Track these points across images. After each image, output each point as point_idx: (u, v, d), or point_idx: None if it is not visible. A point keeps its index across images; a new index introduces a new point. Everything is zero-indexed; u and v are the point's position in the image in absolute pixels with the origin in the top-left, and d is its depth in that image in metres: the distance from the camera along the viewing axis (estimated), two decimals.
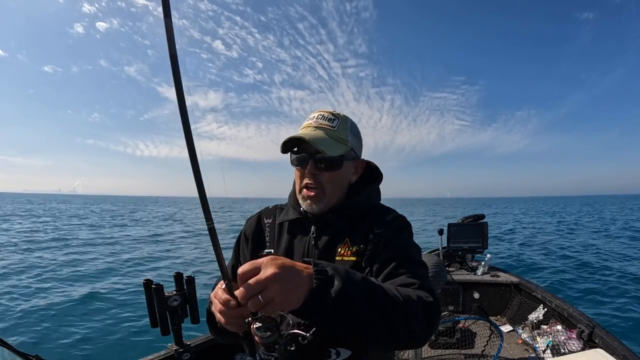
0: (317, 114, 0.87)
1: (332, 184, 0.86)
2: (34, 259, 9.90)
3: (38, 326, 5.07)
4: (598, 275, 7.69)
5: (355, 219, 0.89)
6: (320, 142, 0.81)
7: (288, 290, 0.54)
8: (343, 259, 0.84)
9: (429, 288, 0.74)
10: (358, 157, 0.91)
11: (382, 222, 0.87)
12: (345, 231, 0.88)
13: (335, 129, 0.85)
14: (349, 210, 0.90)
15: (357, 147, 0.90)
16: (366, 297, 0.61)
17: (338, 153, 0.83)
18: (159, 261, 10.44)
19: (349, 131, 0.87)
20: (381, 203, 0.98)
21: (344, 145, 0.85)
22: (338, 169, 0.86)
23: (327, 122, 0.86)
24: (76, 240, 14.36)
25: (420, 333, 0.67)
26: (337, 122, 0.86)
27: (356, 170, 0.93)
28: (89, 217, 29.75)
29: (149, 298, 1.52)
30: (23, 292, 6.71)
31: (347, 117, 0.89)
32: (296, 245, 0.91)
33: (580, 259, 9.46)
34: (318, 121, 0.86)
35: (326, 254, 0.86)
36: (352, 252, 0.85)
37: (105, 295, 6.58)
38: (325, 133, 0.84)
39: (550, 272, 8.20)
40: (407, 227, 0.90)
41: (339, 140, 0.85)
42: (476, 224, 3.56)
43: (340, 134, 0.85)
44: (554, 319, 2.50)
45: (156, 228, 21.22)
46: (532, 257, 10.10)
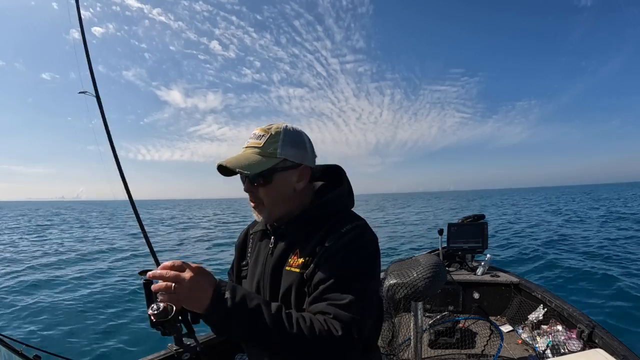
0: (252, 133, 0.92)
1: (268, 197, 0.91)
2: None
3: (38, 326, 5.07)
4: (598, 275, 7.69)
5: (312, 228, 0.90)
6: (238, 163, 0.86)
7: (189, 295, 0.70)
8: (291, 269, 0.88)
9: (347, 320, 0.75)
10: (298, 164, 0.92)
11: (334, 234, 0.86)
12: (298, 241, 0.91)
13: (261, 145, 0.89)
14: (305, 219, 0.92)
15: (295, 154, 0.91)
16: (250, 326, 0.71)
17: (262, 169, 0.87)
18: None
19: (280, 143, 0.89)
20: (351, 210, 0.97)
21: (271, 159, 0.88)
22: (269, 183, 0.89)
23: (255, 140, 0.90)
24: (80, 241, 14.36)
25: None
26: (265, 137, 0.89)
27: (300, 177, 0.93)
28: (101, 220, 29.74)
29: (149, 298, 1.52)
30: (23, 291, 6.72)
31: (281, 130, 0.90)
32: (261, 254, 0.99)
33: (580, 257, 9.46)
34: (249, 141, 0.91)
35: (279, 263, 0.91)
36: (298, 263, 0.87)
37: (105, 295, 6.59)
38: (252, 151, 0.89)
39: (547, 268, 8.20)
40: (358, 241, 0.85)
41: (265, 155, 0.88)
42: (476, 224, 3.56)
43: (267, 149, 0.88)
44: (554, 319, 2.50)
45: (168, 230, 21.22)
46: (533, 251, 10.10)
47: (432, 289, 1.60)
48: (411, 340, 1.86)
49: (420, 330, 1.75)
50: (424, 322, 2.38)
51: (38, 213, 41.41)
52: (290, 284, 0.86)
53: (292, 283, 0.86)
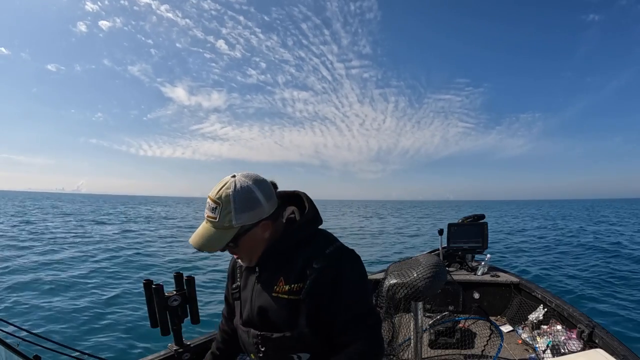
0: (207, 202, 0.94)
1: (242, 253, 1.00)
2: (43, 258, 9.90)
3: (37, 325, 5.07)
4: (598, 275, 7.69)
5: (290, 254, 0.98)
6: (203, 245, 0.93)
7: None
8: (278, 295, 0.96)
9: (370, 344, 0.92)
10: (258, 222, 0.94)
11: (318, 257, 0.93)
12: (279, 269, 0.98)
13: (217, 220, 0.92)
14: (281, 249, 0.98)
15: (251, 217, 0.93)
16: None
17: (224, 243, 0.93)
18: (159, 260, 10.44)
19: (233, 213, 0.91)
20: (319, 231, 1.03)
21: (230, 230, 0.92)
22: (236, 247, 0.96)
23: (211, 214, 0.92)
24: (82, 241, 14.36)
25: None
26: (217, 210, 0.91)
27: (265, 229, 0.97)
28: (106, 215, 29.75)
29: (149, 298, 1.52)
30: (24, 290, 6.72)
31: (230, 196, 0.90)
32: (249, 282, 1.06)
33: (581, 259, 9.47)
34: (206, 212, 0.94)
35: (264, 289, 0.99)
36: (286, 290, 0.95)
37: (105, 295, 6.58)
38: (211, 226, 0.93)
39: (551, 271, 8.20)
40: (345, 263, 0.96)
41: (223, 229, 0.92)
42: (476, 224, 3.56)
43: (223, 223, 0.91)
44: (554, 319, 2.50)
45: (159, 228, 21.22)
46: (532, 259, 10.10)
47: (432, 289, 1.60)
48: (411, 340, 1.86)
49: (420, 330, 1.76)
50: (424, 322, 2.38)
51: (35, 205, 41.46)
52: (280, 309, 0.95)
53: (282, 308, 0.95)
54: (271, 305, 0.97)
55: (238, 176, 0.94)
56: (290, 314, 0.94)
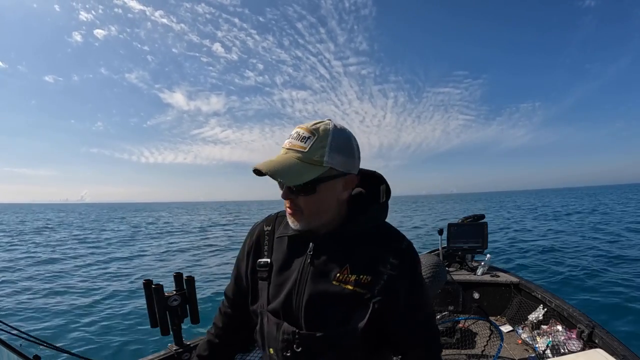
0: (295, 131, 0.80)
1: (309, 207, 0.81)
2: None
3: (37, 326, 5.07)
4: (597, 274, 7.69)
5: (357, 242, 0.84)
6: (280, 172, 0.75)
7: None
8: (341, 285, 0.80)
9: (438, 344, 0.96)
10: (344, 173, 0.81)
11: (395, 253, 0.83)
12: (344, 255, 0.83)
13: (306, 150, 0.77)
14: (349, 232, 0.85)
15: (343, 163, 0.80)
16: None
17: (305, 179, 0.76)
18: (159, 261, 10.44)
19: (327, 149, 0.77)
20: (387, 223, 0.90)
21: (317, 167, 0.77)
22: (312, 193, 0.79)
23: (300, 143, 0.78)
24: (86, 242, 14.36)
25: None
26: (311, 140, 0.77)
27: (346, 186, 0.84)
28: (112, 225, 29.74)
29: (149, 298, 1.53)
30: (25, 289, 6.72)
31: (330, 131, 0.78)
32: (294, 260, 0.88)
33: (581, 256, 9.46)
34: (292, 142, 0.79)
35: (321, 274, 0.83)
36: (352, 280, 0.80)
37: (104, 295, 6.58)
38: (296, 157, 0.78)
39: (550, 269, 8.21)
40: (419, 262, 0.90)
41: (310, 162, 0.77)
42: (476, 224, 3.56)
43: (313, 155, 0.77)
44: (554, 319, 2.50)
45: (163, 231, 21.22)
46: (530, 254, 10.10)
47: (432, 289, 1.60)
48: None
49: None
50: None
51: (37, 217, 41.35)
52: (342, 300, 0.80)
53: (345, 299, 0.80)
54: (331, 295, 0.81)
55: (335, 121, 0.82)
56: (350, 309, 0.79)
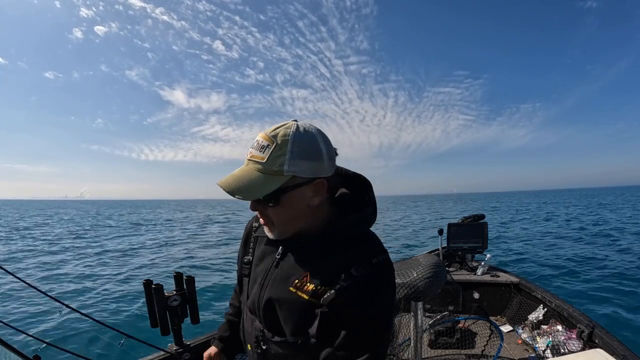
0: (256, 139, 0.75)
1: (277, 217, 0.78)
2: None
3: (37, 326, 5.07)
4: (597, 274, 7.69)
5: (327, 250, 0.78)
6: (237, 189, 0.72)
7: None
8: (297, 292, 0.77)
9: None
10: (312, 179, 0.75)
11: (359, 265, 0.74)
12: (309, 262, 0.79)
13: (265, 161, 0.72)
14: (322, 241, 0.79)
15: (308, 169, 0.73)
16: None
17: (265, 192, 0.72)
18: (159, 261, 10.44)
19: (288, 156, 0.71)
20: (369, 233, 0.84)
21: (277, 177, 0.72)
22: (276, 205, 0.75)
23: (259, 153, 0.73)
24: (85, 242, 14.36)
25: None
26: (269, 149, 0.71)
27: (316, 191, 0.77)
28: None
29: (149, 298, 1.53)
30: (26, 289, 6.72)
31: (290, 136, 0.72)
32: (265, 261, 0.88)
33: (581, 256, 9.47)
34: (252, 152, 0.74)
35: (282, 279, 0.81)
36: (309, 289, 0.75)
37: (104, 295, 6.59)
38: (255, 168, 0.73)
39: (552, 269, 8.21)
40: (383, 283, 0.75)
41: (270, 173, 0.72)
42: (476, 224, 3.56)
43: (272, 165, 0.71)
44: (554, 319, 2.50)
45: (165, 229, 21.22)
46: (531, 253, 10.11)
47: (432, 289, 1.60)
48: (411, 340, 1.85)
49: (420, 330, 1.75)
50: (424, 322, 2.38)
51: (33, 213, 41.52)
52: (293, 307, 0.77)
53: (296, 307, 0.77)
54: (285, 301, 0.79)
55: (301, 121, 0.76)
56: (303, 318, 0.76)
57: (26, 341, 2.91)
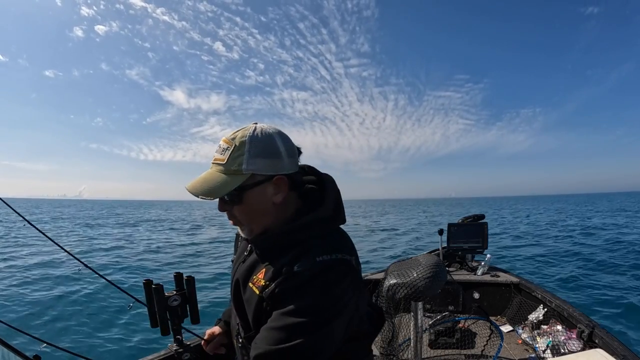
0: (218, 144, 0.81)
1: (243, 216, 0.83)
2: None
3: (37, 326, 5.07)
4: (597, 274, 7.69)
5: (283, 247, 0.81)
6: (200, 189, 0.78)
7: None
8: (252, 287, 0.82)
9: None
10: (271, 176, 0.80)
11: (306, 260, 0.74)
12: (267, 259, 0.82)
13: (225, 162, 0.78)
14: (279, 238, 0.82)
15: (267, 166, 0.78)
16: None
17: (225, 191, 0.77)
18: (159, 261, 10.44)
19: (246, 156, 0.77)
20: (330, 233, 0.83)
21: (237, 176, 0.77)
22: (239, 203, 0.80)
23: (220, 155, 0.79)
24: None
25: None
26: (228, 151, 0.78)
27: (277, 188, 0.81)
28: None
29: (149, 298, 1.53)
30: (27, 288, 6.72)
31: (246, 140, 0.78)
32: (238, 258, 0.97)
33: (581, 256, 9.47)
34: (215, 155, 0.81)
35: (245, 276, 0.87)
36: (261, 285, 0.79)
37: (105, 295, 6.58)
38: (217, 170, 0.79)
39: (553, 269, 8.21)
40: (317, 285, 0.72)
41: (229, 173, 0.78)
42: (476, 224, 3.56)
43: (231, 165, 0.78)
44: (554, 319, 2.50)
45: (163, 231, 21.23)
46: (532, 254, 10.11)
47: (432, 289, 1.60)
48: (411, 341, 1.85)
49: (420, 330, 1.75)
50: (424, 322, 2.38)
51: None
52: (250, 302, 0.82)
53: (252, 302, 0.81)
54: (246, 297, 0.84)
55: (260, 124, 0.82)
56: (258, 312, 0.79)
57: (26, 341, 2.91)
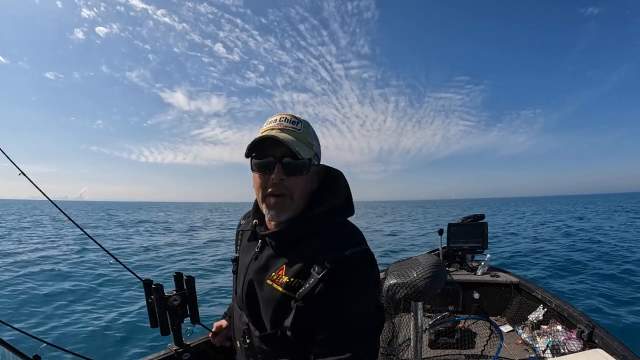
0: (279, 116, 0.80)
1: (298, 190, 0.79)
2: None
3: (37, 326, 5.07)
4: (597, 274, 7.69)
5: (303, 241, 0.79)
6: (292, 143, 0.75)
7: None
8: (273, 284, 0.78)
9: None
10: (317, 164, 0.84)
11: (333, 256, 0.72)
12: (285, 254, 0.80)
13: (301, 132, 0.79)
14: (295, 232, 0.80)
15: (319, 152, 0.85)
16: None
17: (308, 155, 0.78)
18: (159, 261, 10.44)
19: (312, 135, 0.82)
20: (346, 224, 0.83)
21: (310, 148, 0.80)
22: (306, 173, 0.79)
23: (292, 125, 0.79)
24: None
25: None
26: (301, 125, 0.80)
27: (317, 177, 0.85)
28: None
29: (149, 298, 1.52)
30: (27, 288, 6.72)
31: (308, 122, 0.83)
32: (247, 255, 0.91)
33: (581, 256, 9.47)
34: (282, 124, 0.79)
35: (260, 272, 0.83)
36: (283, 282, 0.76)
37: (105, 295, 6.58)
38: (293, 136, 0.78)
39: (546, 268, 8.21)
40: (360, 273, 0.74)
41: (306, 143, 0.79)
42: (476, 224, 3.56)
43: (307, 137, 0.80)
44: (554, 319, 2.50)
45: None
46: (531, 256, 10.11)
47: (432, 289, 1.60)
48: (411, 340, 1.85)
49: (420, 330, 1.75)
50: (424, 322, 2.38)
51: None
52: (270, 300, 0.78)
53: (273, 300, 0.77)
54: (263, 294, 0.80)
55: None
56: (279, 311, 0.76)
57: (26, 341, 2.92)
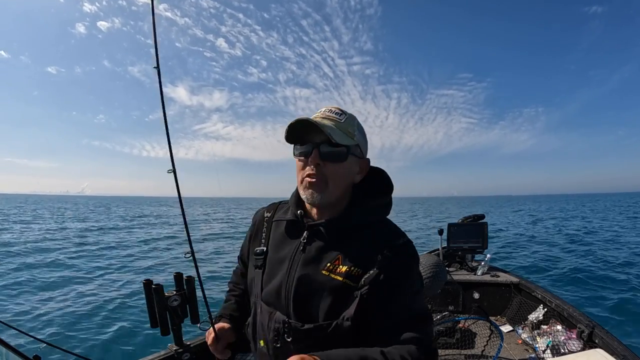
0: (326, 108, 0.87)
1: (334, 177, 0.83)
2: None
3: (37, 326, 5.07)
4: (597, 274, 7.69)
5: (353, 233, 0.84)
6: (328, 128, 0.79)
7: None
8: (330, 275, 0.80)
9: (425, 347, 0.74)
10: (363, 155, 0.89)
11: (390, 247, 0.81)
12: (338, 245, 0.83)
13: (342, 122, 0.84)
14: (347, 222, 0.85)
15: (363, 145, 0.88)
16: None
17: (345, 142, 0.81)
18: (159, 261, 10.44)
19: (356, 127, 0.86)
20: (388, 219, 0.92)
21: (350, 138, 0.83)
22: (342, 160, 0.83)
23: (335, 115, 0.85)
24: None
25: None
26: (344, 116, 0.85)
27: (361, 170, 0.89)
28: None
29: (149, 298, 1.52)
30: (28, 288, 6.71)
31: (354, 116, 0.88)
32: (287, 246, 0.89)
33: (580, 256, 9.47)
34: (325, 114, 0.85)
35: (311, 263, 0.83)
36: (342, 271, 0.79)
37: (104, 295, 6.58)
38: (333, 123, 0.83)
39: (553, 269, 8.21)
40: (416, 260, 0.85)
41: (346, 132, 0.83)
42: (476, 223, 3.56)
43: (348, 127, 0.84)
44: (554, 319, 2.50)
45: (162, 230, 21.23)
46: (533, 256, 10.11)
47: (432, 289, 1.60)
48: None
49: None
50: None
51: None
52: (330, 290, 0.79)
53: (332, 290, 0.78)
54: (318, 285, 0.80)
55: None
56: (338, 300, 0.77)
57: (26, 341, 2.92)
